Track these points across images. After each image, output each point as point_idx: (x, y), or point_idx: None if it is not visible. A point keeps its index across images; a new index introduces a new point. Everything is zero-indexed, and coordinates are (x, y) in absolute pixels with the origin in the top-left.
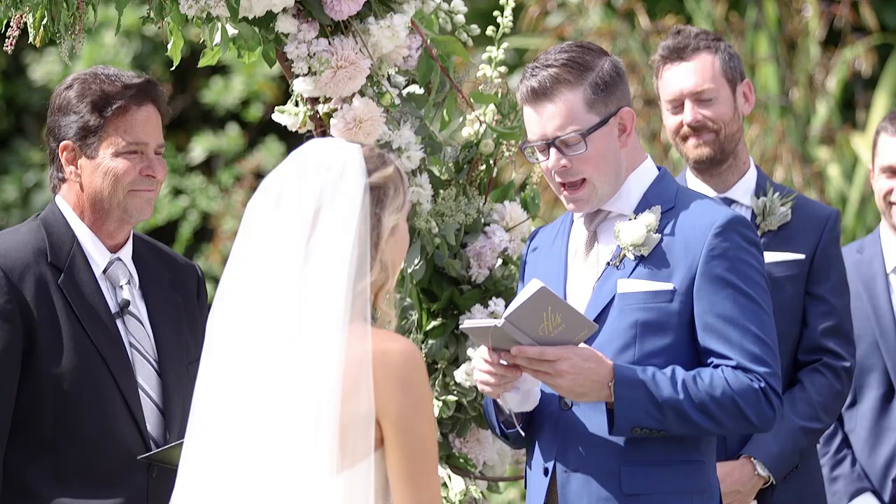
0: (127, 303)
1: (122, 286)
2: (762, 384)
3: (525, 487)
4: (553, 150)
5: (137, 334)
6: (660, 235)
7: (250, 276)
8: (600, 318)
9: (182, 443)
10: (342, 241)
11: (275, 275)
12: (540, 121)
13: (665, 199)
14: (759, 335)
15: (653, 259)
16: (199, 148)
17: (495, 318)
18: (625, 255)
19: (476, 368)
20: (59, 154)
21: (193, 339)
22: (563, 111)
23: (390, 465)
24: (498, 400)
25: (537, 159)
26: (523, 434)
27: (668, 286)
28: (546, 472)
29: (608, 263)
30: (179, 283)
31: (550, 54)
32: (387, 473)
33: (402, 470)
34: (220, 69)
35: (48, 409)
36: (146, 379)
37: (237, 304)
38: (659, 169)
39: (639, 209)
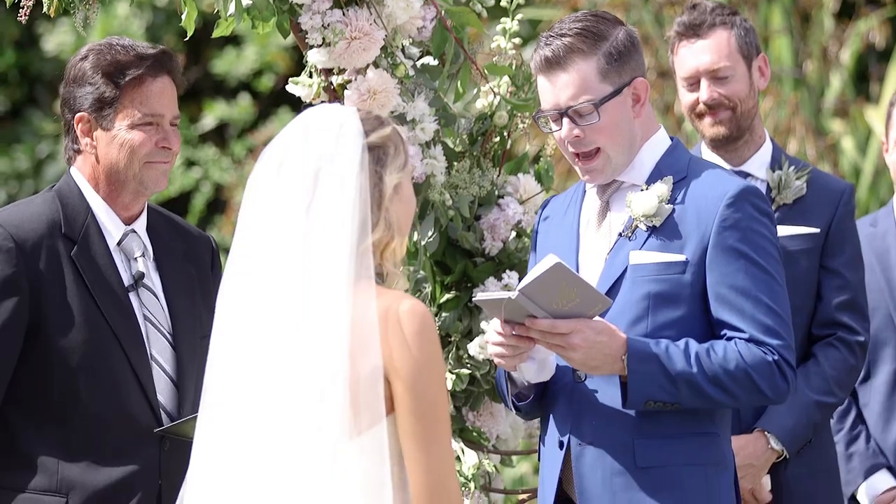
0: (142, 275)
1: (136, 258)
2: (775, 357)
3: (539, 461)
4: (566, 120)
5: (152, 307)
6: (672, 206)
7: (256, 244)
8: (613, 289)
9: (196, 416)
10: (342, 200)
11: (280, 240)
12: (553, 90)
13: (677, 169)
14: (772, 306)
15: (665, 230)
16: (211, 116)
17: (509, 290)
18: (637, 226)
19: (489, 342)
20: (75, 125)
21: (207, 311)
22: (576, 81)
23: (401, 427)
24: (514, 373)
25: (551, 129)
26: (514, 411)
27: (681, 257)
28: (561, 445)
29: (620, 234)
30: (193, 255)
31: (565, 23)
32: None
33: (413, 431)
34: (233, 39)
35: (57, 383)
36: (160, 352)
37: (245, 273)
38: (671, 139)
39: (651, 180)
